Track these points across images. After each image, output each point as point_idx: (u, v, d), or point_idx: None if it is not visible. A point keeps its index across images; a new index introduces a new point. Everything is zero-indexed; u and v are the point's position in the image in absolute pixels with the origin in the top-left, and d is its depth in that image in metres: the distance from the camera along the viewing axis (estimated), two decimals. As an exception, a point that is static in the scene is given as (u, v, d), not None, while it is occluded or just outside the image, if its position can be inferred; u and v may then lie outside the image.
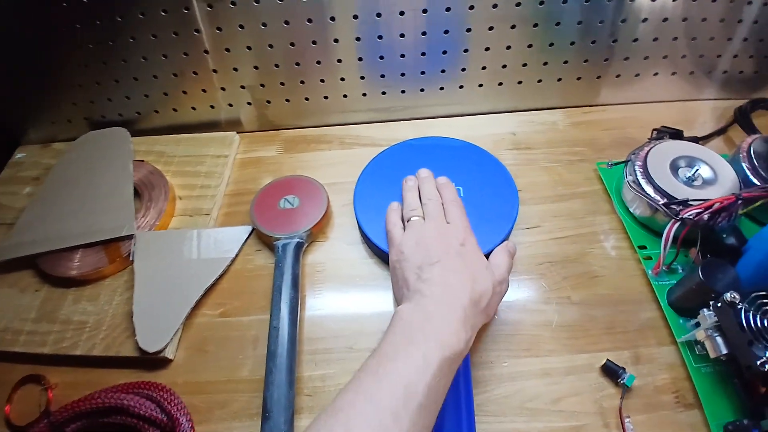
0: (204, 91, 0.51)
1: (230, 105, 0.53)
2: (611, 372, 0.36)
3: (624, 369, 0.36)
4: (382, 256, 0.43)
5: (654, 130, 0.49)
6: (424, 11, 0.45)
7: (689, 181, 0.42)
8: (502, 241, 0.42)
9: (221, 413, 0.36)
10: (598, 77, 0.52)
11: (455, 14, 0.46)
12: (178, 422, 0.34)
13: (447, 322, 0.29)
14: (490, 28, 0.47)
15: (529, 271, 0.43)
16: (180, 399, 0.36)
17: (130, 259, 0.43)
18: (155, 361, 0.39)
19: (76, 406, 0.35)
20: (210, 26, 0.46)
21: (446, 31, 0.47)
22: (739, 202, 0.38)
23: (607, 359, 0.36)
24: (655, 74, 0.52)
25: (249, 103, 0.53)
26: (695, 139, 0.49)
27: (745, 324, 0.31)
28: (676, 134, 0.47)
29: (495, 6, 0.45)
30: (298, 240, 0.43)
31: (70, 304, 0.42)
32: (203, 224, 0.47)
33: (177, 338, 0.40)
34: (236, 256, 0.45)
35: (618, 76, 0.52)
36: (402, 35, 0.47)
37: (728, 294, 0.32)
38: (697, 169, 0.42)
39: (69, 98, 0.51)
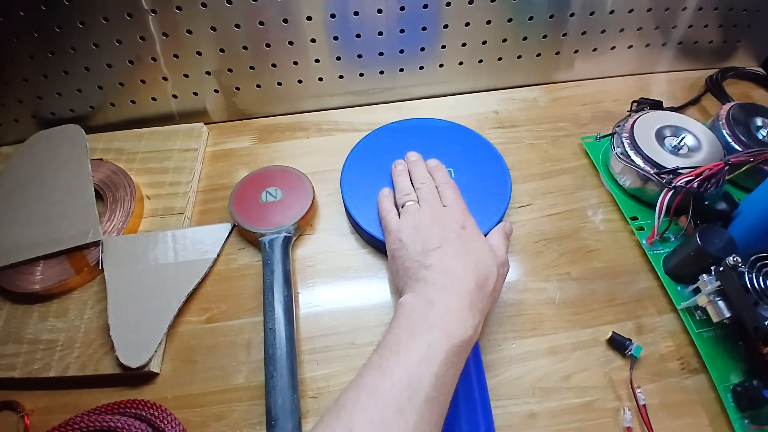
0: (165, 79, 0.47)
1: (195, 93, 0.49)
2: (618, 344, 0.36)
3: (630, 340, 0.36)
4: (376, 244, 0.41)
5: (633, 102, 0.49)
6: (402, -14, 0.43)
7: (675, 150, 0.42)
8: (499, 221, 0.41)
9: (218, 426, 0.34)
10: (576, 51, 0.52)
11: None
12: (173, 441, 0.31)
13: (452, 309, 0.28)
14: (470, 2, 0.45)
15: (526, 249, 0.42)
16: (172, 415, 0.33)
17: (99, 267, 0.39)
18: (139, 377, 0.35)
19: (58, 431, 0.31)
20: (168, 6, 0.42)
21: (425, 6, 0.45)
22: (726, 167, 0.39)
23: (613, 332, 0.36)
24: (630, 47, 0.53)
25: (216, 91, 0.49)
26: (674, 109, 0.49)
27: (749, 286, 0.31)
28: (656, 105, 0.47)
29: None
30: (285, 234, 0.40)
31: (37, 321, 0.37)
32: (177, 224, 0.43)
33: (161, 350, 0.36)
34: (218, 256, 0.41)
35: (595, 50, 0.52)
36: (379, 11, 0.45)
37: (730, 258, 0.32)
38: (683, 138, 0.42)
39: (13, 95, 0.46)
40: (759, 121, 0.45)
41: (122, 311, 0.37)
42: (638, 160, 0.42)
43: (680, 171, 0.39)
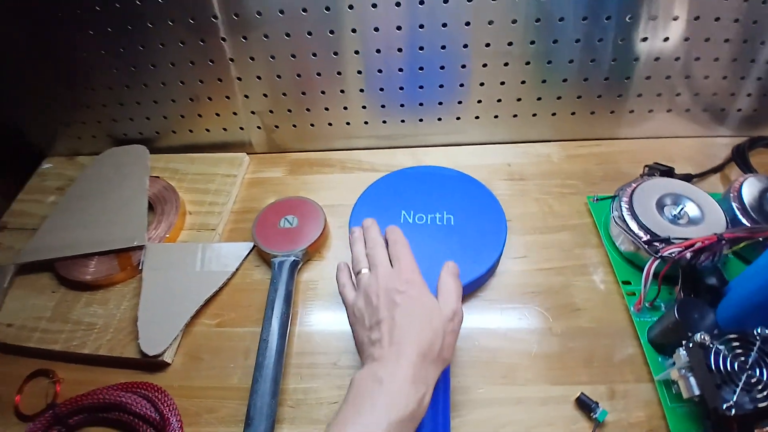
0: (217, 114, 0.55)
1: (241, 128, 0.57)
2: (585, 406, 0.37)
3: (597, 404, 0.36)
4: None
5: (646, 166, 0.50)
6: (421, 48, 0.48)
7: (675, 219, 0.43)
8: (489, 270, 0.44)
9: (209, 417, 0.39)
10: (592, 113, 0.54)
11: (450, 52, 0.48)
12: (168, 422, 0.37)
13: (396, 385, 0.28)
14: (484, 65, 0.49)
15: (512, 299, 0.44)
16: (173, 401, 0.39)
17: (140, 268, 0.47)
18: (154, 364, 0.42)
19: (79, 400, 0.38)
20: (223, 57, 0.50)
21: (442, 67, 0.50)
22: (723, 242, 0.39)
23: (582, 393, 0.37)
24: (650, 111, 0.53)
25: (259, 127, 0.57)
26: (689, 177, 0.49)
27: (713, 366, 0.31)
28: (667, 172, 0.48)
29: (488, 45, 0.48)
30: (294, 258, 0.46)
31: (83, 306, 0.45)
32: (209, 239, 0.50)
33: (176, 344, 0.43)
34: (236, 270, 0.47)
35: (612, 112, 0.54)
36: (400, 69, 0.50)
37: (698, 335, 0.32)
38: (683, 207, 0.43)
39: (95, 116, 0.56)
40: (774, 196, 0.44)
41: (150, 307, 0.44)
42: (633, 226, 0.43)
43: (672, 241, 0.40)
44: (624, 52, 0.48)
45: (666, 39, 0.48)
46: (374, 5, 0.45)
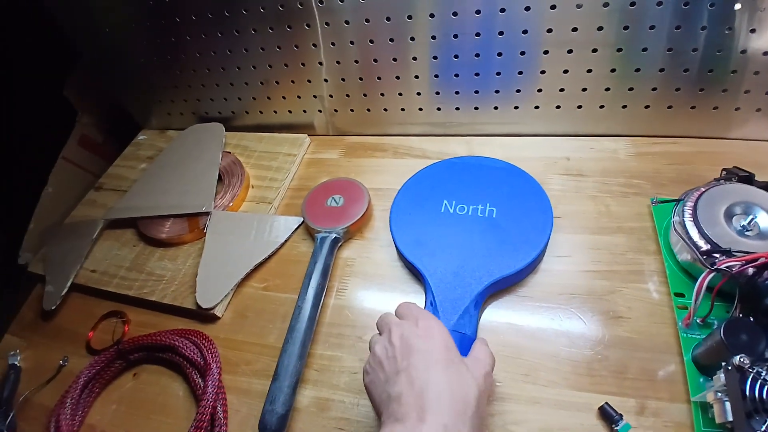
0: (284, 98, 0.59)
1: (304, 111, 0.60)
2: (607, 416, 0.35)
3: (621, 416, 0.34)
4: (405, 263, 0.46)
5: (724, 169, 0.44)
6: (477, 35, 0.47)
7: (743, 230, 0.38)
8: (527, 267, 0.42)
9: (245, 369, 0.43)
10: (669, 107, 0.49)
11: (508, 38, 0.47)
12: (209, 367, 0.42)
13: None
14: (546, 52, 0.47)
15: (548, 299, 0.42)
16: (217, 349, 0.44)
17: (204, 231, 0.53)
18: (207, 316, 0.47)
19: (140, 339, 0.45)
20: (289, 45, 0.54)
21: (500, 54, 0.48)
22: (796, 260, 0.34)
23: (606, 402, 0.35)
24: (737, 109, 0.47)
25: (320, 111, 0.60)
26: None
27: (748, 392, 0.28)
28: (747, 177, 0.42)
29: (549, 30, 0.45)
30: (335, 235, 0.48)
31: (156, 260, 0.52)
32: (265, 211, 0.55)
33: (227, 301, 0.48)
34: (285, 241, 0.51)
35: (693, 107, 0.48)
36: (456, 56, 0.49)
37: (738, 357, 0.29)
38: (753, 218, 0.37)
39: (181, 96, 0.64)
40: None
41: (209, 266, 0.49)
42: (694, 233, 0.38)
43: (734, 253, 0.35)
44: (704, 43, 0.43)
45: (753, 30, 0.41)
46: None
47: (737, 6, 0.41)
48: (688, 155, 0.50)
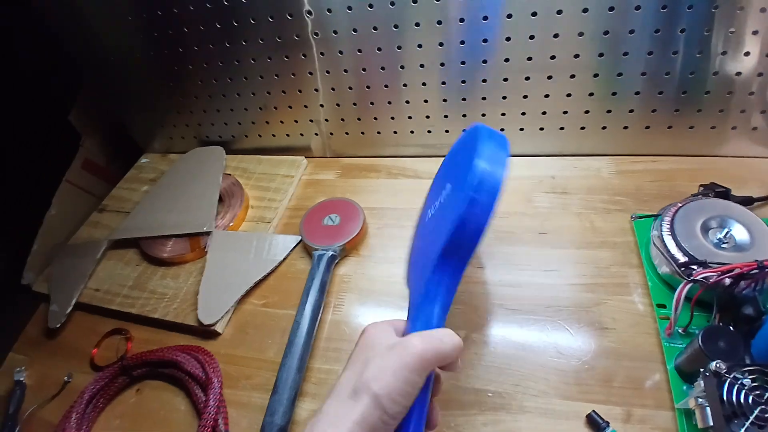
0: (282, 122, 0.62)
1: (301, 134, 0.63)
2: (594, 424, 0.36)
3: (608, 423, 0.36)
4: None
5: (701, 185, 0.47)
6: (463, 63, 0.50)
7: (719, 243, 0.40)
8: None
9: (246, 383, 0.44)
10: (647, 127, 0.51)
11: (492, 66, 0.50)
12: (210, 381, 0.43)
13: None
14: (527, 78, 0.50)
15: (535, 311, 0.44)
16: (218, 364, 0.45)
17: (205, 250, 0.54)
18: (208, 332, 0.48)
19: (144, 355, 0.46)
20: (287, 72, 0.57)
21: (484, 80, 0.51)
22: (766, 270, 0.36)
23: (593, 410, 0.37)
24: (712, 127, 0.50)
25: (316, 134, 0.62)
26: (749, 200, 0.45)
27: (725, 397, 0.30)
28: (723, 193, 0.44)
29: (530, 59, 0.48)
30: (332, 253, 0.50)
31: (158, 279, 0.54)
32: (264, 230, 0.56)
33: (227, 317, 0.49)
34: (284, 259, 0.53)
35: (669, 127, 0.51)
36: (444, 83, 0.52)
37: (714, 363, 0.31)
38: (728, 231, 0.40)
39: (184, 121, 0.66)
40: None
41: (210, 283, 0.51)
42: (671, 247, 0.41)
43: (709, 265, 0.37)
44: (679, 66, 0.46)
45: (724, 53, 0.45)
46: (417, 24, 0.49)
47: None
48: (668, 172, 0.52)
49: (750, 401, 0.29)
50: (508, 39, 0.47)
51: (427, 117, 0.56)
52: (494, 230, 0.51)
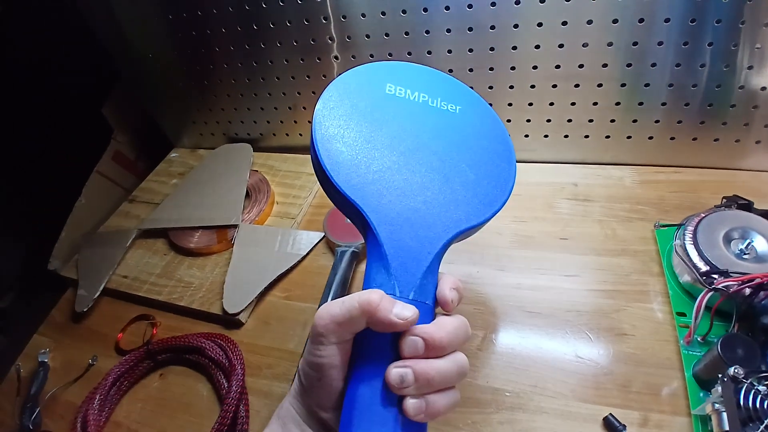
0: (309, 122, 0.63)
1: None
2: (611, 427, 0.36)
3: (625, 427, 0.36)
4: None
5: (724, 197, 0.47)
6: (491, 69, 0.52)
7: (740, 254, 0.40)
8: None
9: (267, 372, 0.45)
10: (672, 138, 0.52)
11: (520, 72, 0.51)
12: (234, 368, 0.44)
13: None
14: (554, 86, 0.51)
15: (555, 315, 0.44)
16: (241, 352, 0.46)
17: (232, 243, 0.56)
18: (232, 322, 0.50)
19: (169, 341, 0.47)
20: (318, 75, 0.58)
21: (511, 86, 0.52)
22: (790, 282, 0.36)
23: (610, 413, 0.37)
24: (737, 141, 0.50)
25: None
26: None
27: (742, 401, 0.30)
28: (746, 205, 0.44)
29: (558, 66, 0.49)
30: (354, 249, 0.51)
31: (185, 268, 0.56)
32: (288, 226, 0.58)
33: (251, 308, 0.50)
34: (307, 254, 0.54)
35: (694, 139, 0.51)
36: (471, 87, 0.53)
37: (732, 368, 0.31)
38: (750, 242, 0.40)
39: (214, 119, 0.68)
40: None
41: (236, 274, 0.52)
42: (694, 256, 0.41)
43: (730, 274, 0.38)
44: (707, 79, 0.47)
45: (750, 67, 0.45)
46: (448, 30, 0.50)
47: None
48: (691, 183, 0.53)
49: (765, 407, 0.29)
50: (537, 47, 0.48)
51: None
52: (515, 234, 0.52)
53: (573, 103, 0.52)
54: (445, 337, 0.25)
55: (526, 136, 0.56)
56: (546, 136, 0.56)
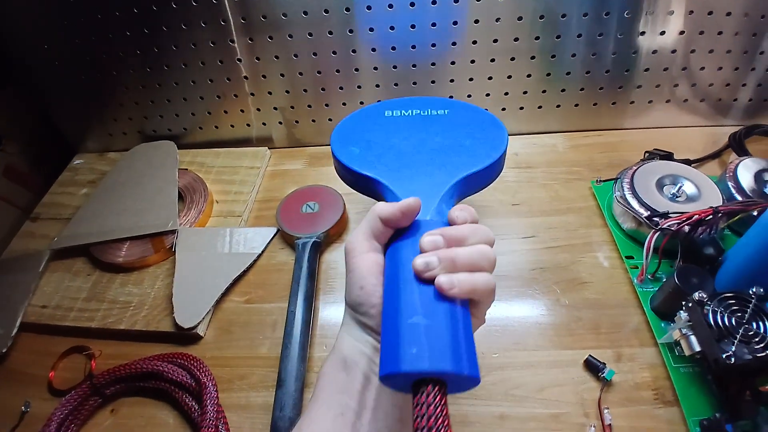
0: (242, 111, 0.59)
1: (264, 124, 0.60)
2: (593, 366, 0.39)
3: (605, 364, 0.39)
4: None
5: (646, 152, 0.53)
6: (433, 45, 0.52)
7: (674, 197, 0.45)
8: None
9: (241, 384, 0.41)
10: (595, 104, 0.57)
11: (460, 48, 0.52)
12: (205, 386, 0.39)
13: None
14: (492, 60, 0.53)
15: (521, 275, 0.46)
16: (208, 368, 0.41)
17: (172, 250, 0.50)
18: (188, 337, 0.44)
19: (116, 370, 0.41)
20: (250, 56, 0.54)
21: (453, 62, 0.53)
22: (719, 215, 0.41)
23: (590, 354, 0.40)
24: (650, 102, 0.57)
25: (280, 123, 0.60)
26: (688, 162, 0.52)
27: (712, 322, 0.34)
28: (666, 156, 0.51)
29: (495, 41, 0.51)
30: (315, 239, 0.49)
31: (117, 287, 0.48)
32: (235, 224, 0.53)
33: (208, 318, 0.45)
34: (262, 252, 0.50)
35: (614, 103, 0.57)
36: (414, 65, 0.54)
37: (696, 294, 0.35)
38: (681, 186, 0.45)
39: (125, 114, 0.60)
40: (767, 176, 0.47)
41: (184, 285, 0.47)
42: (634, 204, 0.45)
43: (670, 215, 0.43)
44: (623, 46, 0.52)
45: (663, 33, 0.51)
46: (390, 5, 0.49)
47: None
48: (614, 144, 0.59)
49: (734, 322, 0.33)
50: (476, 21, 0.50)
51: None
52: (471, 204, 0.53)
53: (509, 77, 0.55)
54: (460, 230, 0.28)
55: (468, 110, 0.58)
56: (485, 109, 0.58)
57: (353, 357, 0.28)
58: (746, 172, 0.47)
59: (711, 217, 0.41)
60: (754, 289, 0.35)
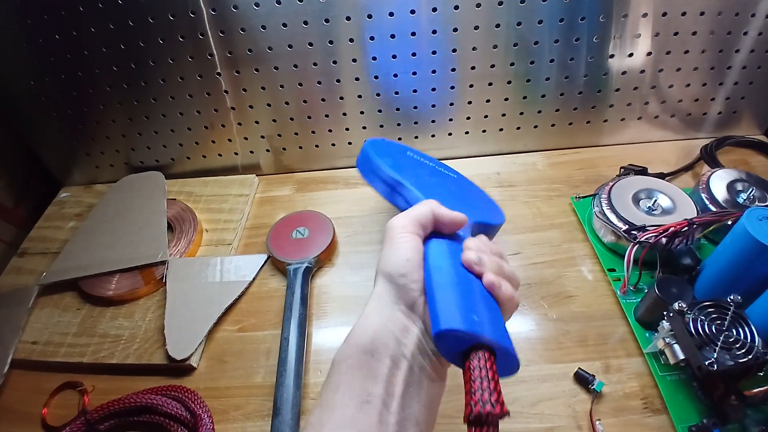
0: (229, 140, 0.60)
1: (251, 152, 0.61)
2: (582, 379, 0.40)
3: (594, 376, 0.40)
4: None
5: (621, 167, 0.55)
6: (414, 73, 0.54)
7: (649, 211, 0.48)
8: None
9: (237, 414, 0.41)
10: (570, 124, 0.60)
11: (440, 75, 0.55)
12: (200, 419, 0.39)
13: None
14: (471, 86, 0.55)
15: (511, 291, 0.48)
16: (203, 400, 0.41)
17: (163, 281, 0.50)
18: (181, 369, 0.44)
19: (110, 405, 0.40)
20: (237, 88, 0.55)
21: (433, 89, 0.56)
22: (694, 226, 0.43)
23: (579, 368, 0.41)
24: (622, 119, 0.59)
25: (267, 150, 0.61)
26: (662, 175, 0.55)
27: (693, 330, 0.35)
28: (641, 171, 0.53)
29: (473, 68, 0.54)
30: (307, 265, 0.50)
31: (108, 320, 0.48)
32: (225, 252, 0.54)
33: (201, 349, 0.45)
34: (253, 280, 0.51)
35: (588, 122, 0.60)
36: (396, 93, 0.56)
37: (676, 303, 0.36)
38: (656, 200, 0.48)
39: (113, 147, 0.61)
40: (739, 186, 0.50)
41: (176, 316, 0.47)
42: (613, 218, 0.47)
43: (647, 228, 0.45)
44: (594, 69, 0.55)
45: (631, 54, 0.54)
46: (372, 38, 0.52)
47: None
48: (591, 160, 0.61)
49: (714, 330, 0.35)
50: (453, 51, 0.52)
51: (381, 126, 0.59)
52: (458, 225, 0.54)
53: (488, 101, 0.57)
54: (498, 246, 0.32)
55: (450, 134, 0.60)
56: (467, 132, 0.60)
57: (382, 338, 0.26)
58: (719, 182, 0.50)
59: (686, 228, 0.43)
60: (731, 297, 0.36)
